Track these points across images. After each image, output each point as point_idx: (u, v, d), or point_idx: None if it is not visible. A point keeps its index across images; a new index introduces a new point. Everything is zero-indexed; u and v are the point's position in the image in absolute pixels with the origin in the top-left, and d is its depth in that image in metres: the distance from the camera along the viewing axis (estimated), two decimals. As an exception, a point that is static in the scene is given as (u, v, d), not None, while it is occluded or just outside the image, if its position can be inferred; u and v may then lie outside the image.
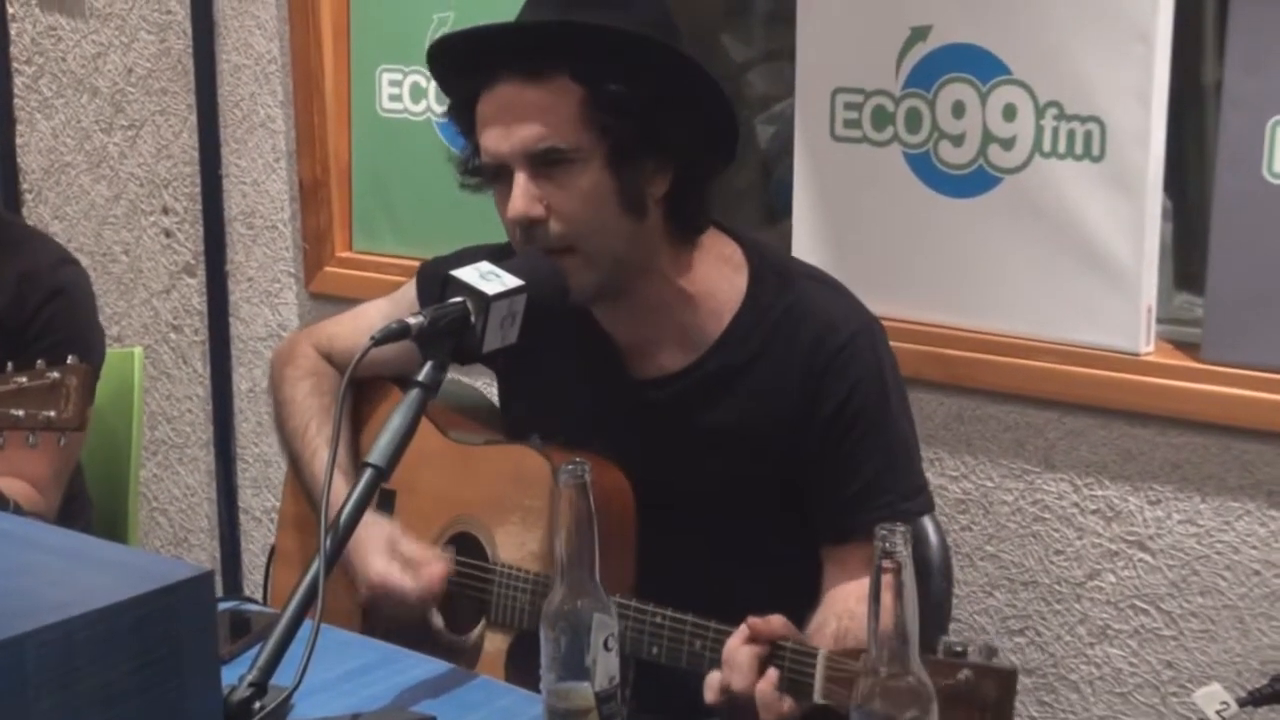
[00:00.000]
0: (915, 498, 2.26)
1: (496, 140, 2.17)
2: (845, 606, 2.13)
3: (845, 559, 2.21)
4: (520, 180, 2.15)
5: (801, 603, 2.16)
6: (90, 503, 2.97)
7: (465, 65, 2.23)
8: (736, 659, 1.93)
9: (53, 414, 2.32)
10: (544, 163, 2.14)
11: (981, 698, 1.67)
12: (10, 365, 2.34)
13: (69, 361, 2.32)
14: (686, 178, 2.21)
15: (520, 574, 2.23)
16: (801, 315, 2.23)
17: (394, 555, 2.27)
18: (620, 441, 2.26)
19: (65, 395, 2.31)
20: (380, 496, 2.36)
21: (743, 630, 1.95)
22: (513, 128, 2.14)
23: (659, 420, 2.27)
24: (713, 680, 1.95)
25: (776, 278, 2.27)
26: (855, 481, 2.20)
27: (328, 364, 2.51)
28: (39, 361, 2.33)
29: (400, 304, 2.44)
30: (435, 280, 2.08)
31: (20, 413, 2.32)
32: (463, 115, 2.26)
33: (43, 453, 2.48)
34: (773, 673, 1.91)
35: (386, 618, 2.31)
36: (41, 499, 2.71)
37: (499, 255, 2.27)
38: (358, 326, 2.47)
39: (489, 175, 2.21)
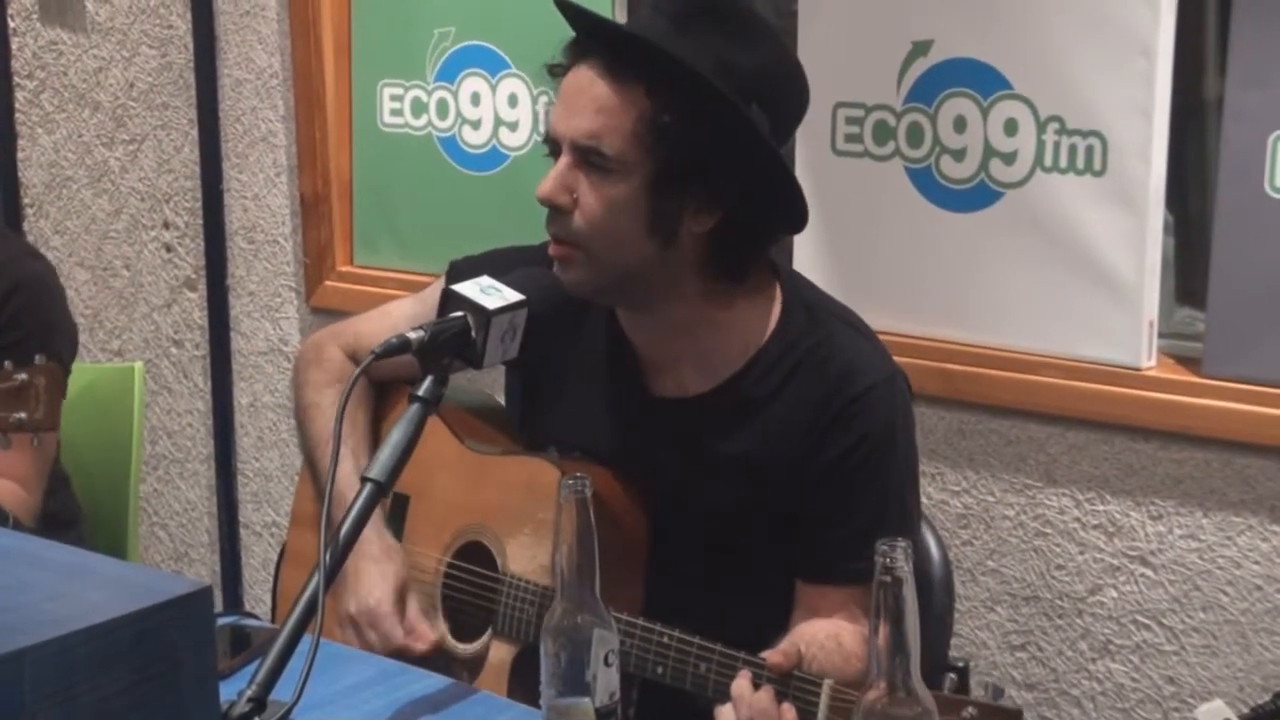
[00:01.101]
0: None
1: (558, 117, 2.15)
2: (814, 636, 2.11)
3: (818, 600, 2.20)
4: (561, 164, 2.14)
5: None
6: (81, 511, 2.96)
7: (573, 34, 2.21)
8: (759, 704, 1.92)
9: (24, 415, 2.32)
10: (588, 157, 2.13)
11: None
12: None
13: (36, 361, 2.32)
14: (734, 226, 2.17)
15: (529, 586, 2.23)
16: (826, 357, 2.21)
17: (398, 605, 2.27)
18: (630, 454, 2.26)
19: (35, 396, 2.30)
20: (394, 501, 2.37)
21: (746, 674, 1.95)
22: (573, 111, 2.13)
23: (670, 440, 2.26)
24: (728, 719, 1.94)
25: (807, 315, 2.25)
26: (842, 530, 2.18)
27: (355, 366, 2.50)
28: (5, 363, 2.33)
29: (428, 303, 2.42)
30: (466, 278, 2.07)
31: None
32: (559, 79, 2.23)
33: (18, 453, 2.48)
34: (791, 711, 1.91)
35: (357, 637, 2.30)
36: (28, 496, 2.71)
37: (534, 257, 2.27)
38: (384, 326, 2.44)
39: (549, 145, 2.19)
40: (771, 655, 1.95)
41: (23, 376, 2.32)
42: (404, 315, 2.44)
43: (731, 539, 2.25)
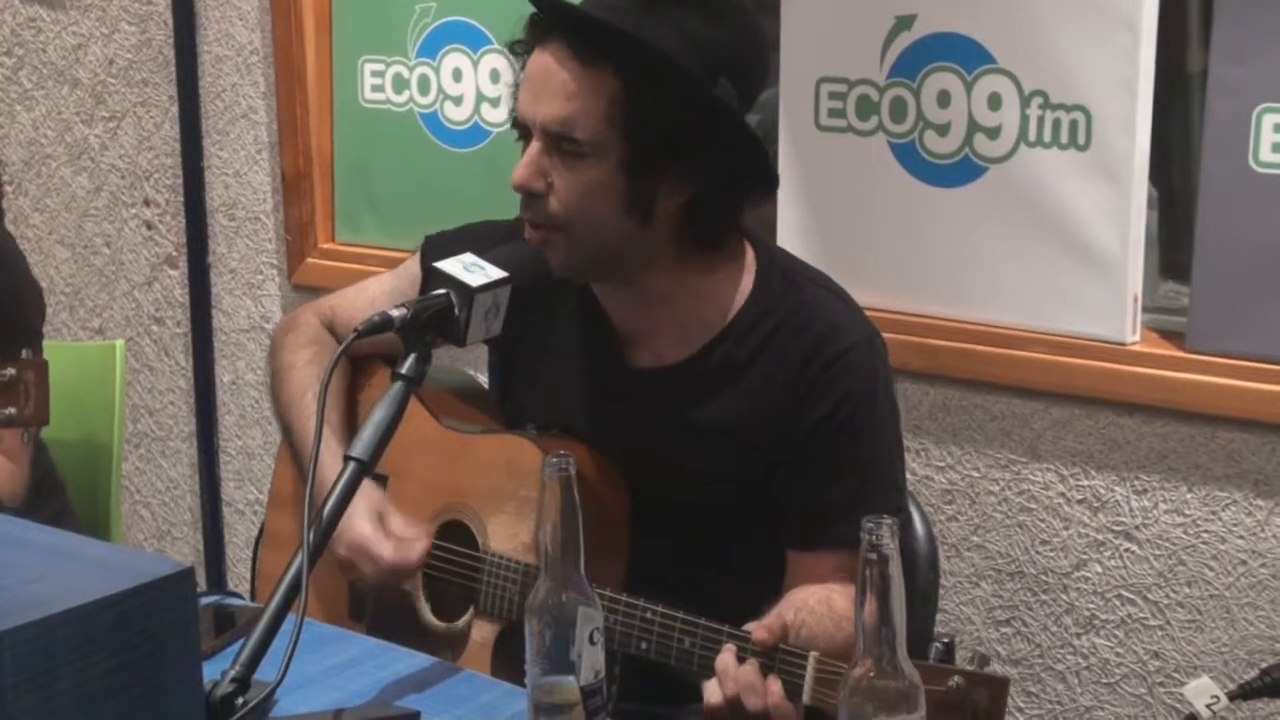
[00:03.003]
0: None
1: (526, 102, 2.14)
2: (804, 601, 2.11)
3: (810, 566, 2.20)
4: (532, 150, 2.13)
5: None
6: (63, 482, 2.96)
7: (533, 15, 2.19)
8: (744, 677, 1.92)
9: (13, 411, 2.31)
10: (558, 144, 2.12)
11: (973, 705, 1.67)
12: None
13: (24, 356, 2.31)
14: (707, 198, 2.17)
15: (511, 564, 2.23)
16: (805, 320, 2.21)
17: (379, 524, 2.25)
18: (610, 429, 2.25)
19: (25, 391, 2.30)
20: (373, 480, 2.36)
21: (731, 648, 1.95)
22: (542, 97, 2.11)
23: (650, 411, 2.26)
24: (713, 694, 1.94)
25: (783, 280, 2.25)
26: (829, 493, 2.18)
27: (330, 334, 2.50)
28: None
29: (404, 278, 2.43)
30: (440, 254, 2.07)
31: None
32: (522, 57, 2.22)
33: (7, 442, 2.47)
34: (776, 684, 1.91)
35: (359, 581, 2.29)
36: (17, 468, 2.72)
37: (509, 232, 2.26)
38: (361, 302, 2.45)
39: (520, 132, 2.18)
40: (756, 629, 1.95)
41: (10, 371, 2.31)
42: (381, 291, 2.45)
43: (715, 510, 2.25)
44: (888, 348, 2.27)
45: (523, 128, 2.16)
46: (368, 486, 2.28)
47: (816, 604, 2.09)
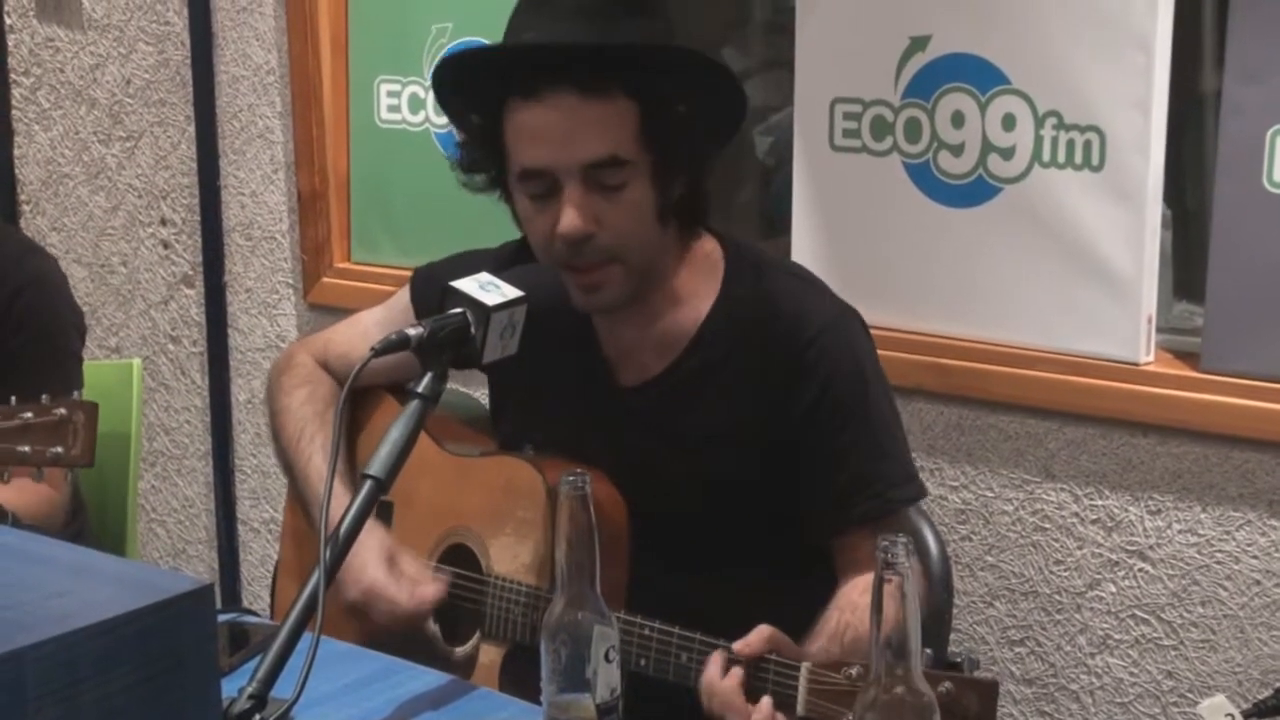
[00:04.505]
0: (905, 485, 2.25)
1: (549, 153, 2.13)
2: (849, 599, 2.12)
3: (854, 549, 2.20)
4: (574, 195, 2.13)
5: (785, 612, 2.12)
6: (84, 504, 2.97)
7: (496, 76, 2.19)
8: (724, 694, 1.93)
9: (60, 450, 2.33)
10: (599, 178, 2.13)
11: (963, 710, 1.68)
12: (14, 400, 2.34)
13: (74, 397, 2.33)
14: (698, 180, 2.23)
15: (514, 586, 2.23)
16: (773, 310, 2.23)
17: (392, 567, 2.26)
18: (605, 451, 2.26)
19: (73, 431, 2.31)
20: (379, 508, 2.36)
21: (716, 659, 1.96)
22: (571, 141, 2.12)
23: (641, 428, 2.27)
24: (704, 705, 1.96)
25: (751, 272, 2.27)
26: (842, 473, 2.20)
27: (324, 372, 2.51)
28: (44, 396, 2.33)
29: (394, 311, 2.45)
30: (430, 286, 2.08)
31: (27, 449, 2.33)
32: (485, 122, 2.22)
33: (50, 477, 2.50)
34: (766, 701, 1.92)
35: (373, 622, 2.30)
36: (56, 493, 2.73)
37: (495, 260, 2.27)
38: (353, 334, 2.47)
39: (534, 188, 2.17)
40: (738, 644, 1.97)
41: (61, 411, 2.32)
42: (373, 322, 2.47)
43: (714, 521, 2.26)
44: (863, 321, 2.28)
45: (545, 178, 2.15)
46: (375, 528, 2.29)
47: (858, 596, 2.11)
